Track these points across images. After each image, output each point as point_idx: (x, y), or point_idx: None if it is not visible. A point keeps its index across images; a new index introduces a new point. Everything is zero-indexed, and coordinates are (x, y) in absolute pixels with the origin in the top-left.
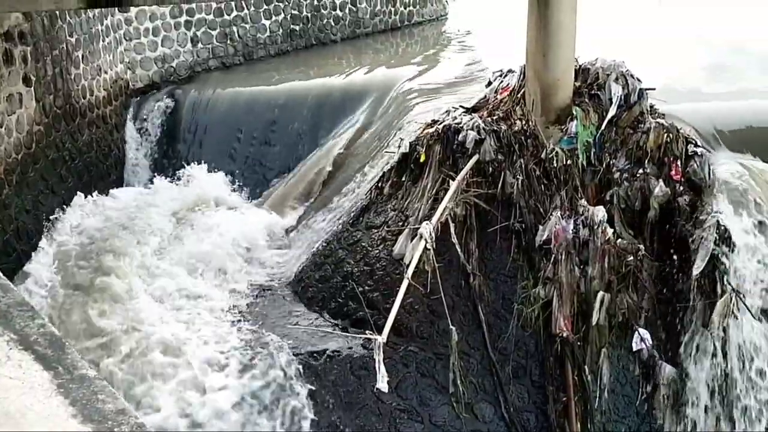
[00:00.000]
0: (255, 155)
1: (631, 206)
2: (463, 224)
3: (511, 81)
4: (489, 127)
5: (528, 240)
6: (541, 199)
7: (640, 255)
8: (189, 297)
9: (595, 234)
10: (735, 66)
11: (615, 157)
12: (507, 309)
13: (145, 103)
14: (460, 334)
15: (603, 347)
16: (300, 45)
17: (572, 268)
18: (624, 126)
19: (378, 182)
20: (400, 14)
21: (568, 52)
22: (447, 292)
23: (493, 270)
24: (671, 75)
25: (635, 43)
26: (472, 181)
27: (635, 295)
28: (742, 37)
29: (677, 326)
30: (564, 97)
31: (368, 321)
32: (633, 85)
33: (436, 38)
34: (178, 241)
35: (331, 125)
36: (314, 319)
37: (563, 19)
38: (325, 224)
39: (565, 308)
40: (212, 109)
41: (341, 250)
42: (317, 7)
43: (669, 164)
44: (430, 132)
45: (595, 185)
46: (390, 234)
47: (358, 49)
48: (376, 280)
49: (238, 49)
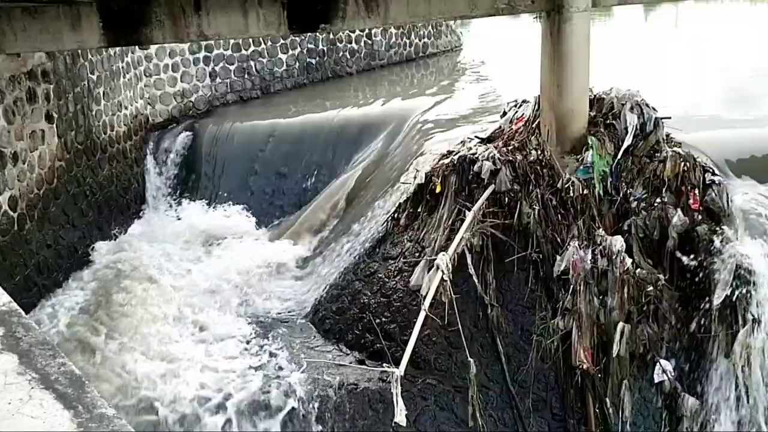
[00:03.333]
0: (272, 187)
1: (649, 236)
2: (480, 255)
3: (526, 111)
4: (504, 158)
5: (546, 270)
6: (558, 229)
7: (660, 285)
8: (205, 328)
9: (613, 264)
10: (754, 92)
11: (632, 186)
12: (526, 340)
13: (165, 137)
14: (479, 367)
15: (624, 379)
16: (316, 78)
17: (591, 298)
18: (640, 155)
19: (394, 213)
20: (414, 46)
21: (582, 81)
22: (465, 324)
23: (511, 301)
24: (689, 102)
25: (653, 69)
26: (488, 211)
27: (656, 326)
28: (760, 61)
29: (699, 357)
30: (579, 126)
31: (385, 353)
32: (648, 114)
33: (451, 69)
34: (195, 272)
35: (347, 156)
36: (331, 350)
37: (576, 48)
38: (341, 255)
39: (584, 339)
40: (230, 141)
41: (358, 282)
42: (333, 41)
43: (687, 193)
44: (445, 163)
45: (613, 215)
46: (406, 265)
47: (373, 80)
48: (393, 312)
49: (256, 83)
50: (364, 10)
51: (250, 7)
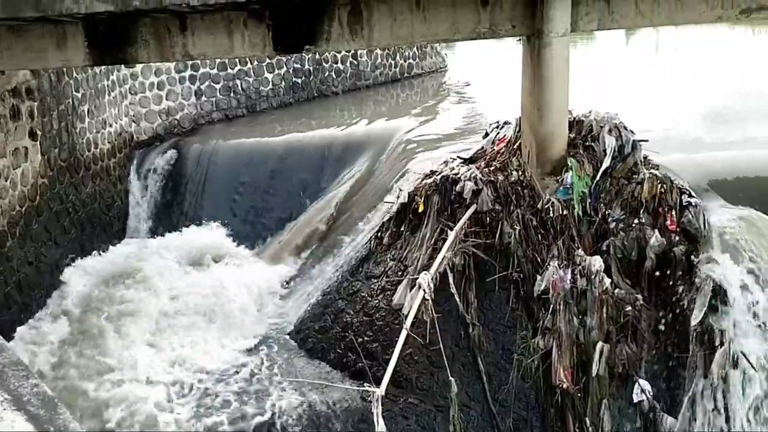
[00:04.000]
0: (256, 205)
1: (627, 256)
2: (462, 274)
3: (508, 132)
4: (486, 178)
5: (526, 290)
6: (539, 249)
7: (638, 305)
8: (189, 348)
9: (592, 284)
10: (732, 115)
11: (610, 207)
12: (507, 359)
13: (149, 155)
14: (460, 386)
15: (603, 398)
16: (302, 97)
17: (571, 318)
18: (618, 177)
19: (377, 232)
20: (400, 67)
21: (561, 104)
22: (446, 343)
23: (492, 320)
24: (668, 125)
25: (633, 92)
26: (470, 231)
27: (634, 346)
28: (738, 84)
29: (677, 376)
30: (559, 148)
31: (367, 372)
32: (626, 136)
33: (436, 90)
34: (178, 291)
35: (332, 176)
36: (314, 369)
37: (556, 72)
38: (325, 274)
39: (564, 359)
40: (215, 160)
41: (341, 300)
42: (319, 61)
43: (664, 214)
44: (428, 182)
45: (592, 235)
46: (389, 284)
47: (359, 100)
48: (376, 331)
49: (242, 101)
50: (349, 32)
51: (235, 28)
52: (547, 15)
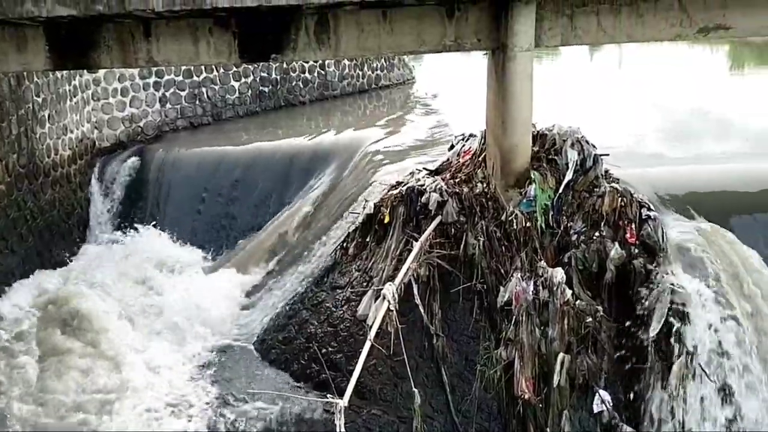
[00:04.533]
0: (221, 214)
1: (588, 268)
2: (427, 285)
3: (473, 145)
4: (451, 190)
5: (490, 301)
6: (502, 260)
7: (599, 316)
8: (147, 360)
9: (554, 295)
10: (691, 130)
11: (572, 220)
12: (470, 370)
13: (111, 162)
14: (424, 397)
15: (564, 409)
16: (269, 106)
17: (533, 329)
18: (580, 190)
19: (343, 242)
20: (367, 78)
21: (525, 118)
22: (410, 354)
23: (456, 331)
24: (630, 140)
25: (596, 107)
26: (435, 242)
27: (595, 357)
28: (698, 101)
29: (637, 387)
30: (522, 161)
31: (330, 383)
32: (588, 150)
33: (403, 101)
34: (139, 301)
35: (298, 185)
36: (277, 381)
37: (520, 86)
38: (289, 284)
39: (526, 370)
40: (179, 168)
41: (305, 311)
42: (286, 70)
43: (624, 227)
44: (394, 193)
45: (554, 247)
46: (354, 294)
47: (326, 110)
48: (340, 342)
49: (207, 109)
50: (315, 42)
51: (201, 35)
52: (512, 29)
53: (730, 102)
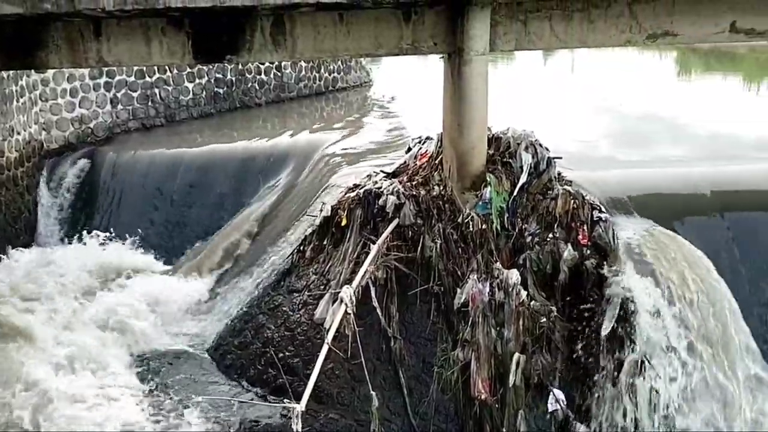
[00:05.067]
0: (175, 218)
1: (542, 269)
2: (384, 288)
3: (430, 147)
4: (408, 192)
5: (447, 303)
6: (459, 262)
7: (553, 316)
8: (98, 366)
9: (509, 296)
10: (641, 134)
11: (527, 222)
12: (427, 372)
13: (60, 164)
14: (381, 400)
15: (520, 409)
16: (224, 108)
17: (489, 330)
18: (534, 192)
19: (300, 246)
20: (324, 80)
21: (480, 121)
22: (368, 357)
23: (414, 333)
24: (582, 143)
25: (549, 111)
26: (392, 244)
27: (549, 356)
28: (647, 105)
29: (589, 386)
30: (478, 164)
31: (287, 388)
32: (542, 153)
33: (361, 104)
34: (88, 308)
35: (254, 188)
36: (232, 387)
37: (476, 89)
38: (245, 288)
39: (483, 371)
40: (131, 170)
41: (261, 315)
42: (242, 72)
43: (576, 229)
44: (351, 196)
45: (509, 249)
46: (311, 298)
47: (283, 112)
48: (297, 346)
49: (160, 110)
50: (271, 43)
51: (153, 35)
52: (467, 34)
53: (678, 107)
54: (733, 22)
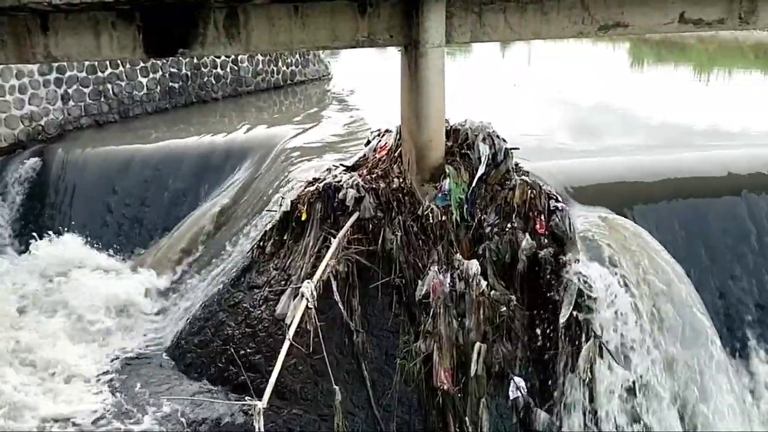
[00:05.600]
0: (131, 215)
1: (501, 259)
2: (345, 281)
3: (389, 140)
4: (368, 185)
5: (408, 295)
6: (420, 254)
7: (513, 305)
8: (55, 367)
9: (470, 287)
10: (596, 124)
11: (486, 212)
12: (390, 365)
13: (9, 163)
14: (345, 393)
15: (482, 397)
16: (179, 103)
17: (450, 320)
18: (492, 183)
19: (260, 241)
20: (282, 73)
21: (438, 113)
22: (330, 351)
23: (376, 326)
24: (539, 134)
25: (507, 103)
26: (353, 238)
27: (509, 345)
28: (601, 96)
29: (549, 372)
30: (437, 156)
31: (248, 386)
32: (499, 144)
33: (320, 97)
34: (41, 308)
35: (212, 183)
36: (193, 386)
37: (433, 81)
38: (205, 286)
39: (445, 361)
40: (84, 168)
41: (222, 313)
42: (197, 66)
43: (534, 219)
44: (311, 190)
45: (469, 240)
46: (272, 294)
47: (240, 107)
48: (259, 342)
49: (113, 106)
50: (225, 36)
51: (102, 28)
52: (423, 26)
53: (631, 97)
54: (681, 12)
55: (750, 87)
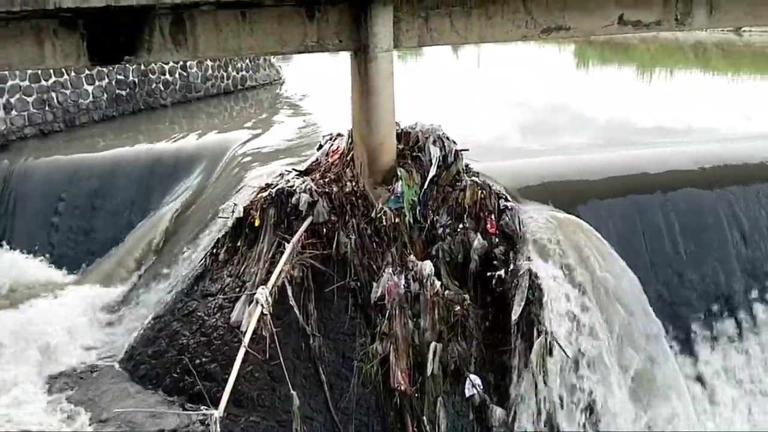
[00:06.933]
0: (78, 227)
1: (454, 259)
2: (301, 286)
3: (341, 144)
4: (321, 190)
5: (364, 297)
6: (374, 256)
7: (466, 304)
8: (3, 387)
9: (424, 287)
10: (545, 124)
11: (438, 213)
12: (347, 367)
13: None
14: (302, 398)
15: (439, 396)
16: (127, 110)
17: (406, 321)
18: (444, 185)
19: (213, 248)
20: (232, 79)
21: (388, 116)
22: (287, 356)
23: (332, 330)
24: (489, 135)
25: (458, 105)
26: (307, 242)
27: (464, 343)
28: (550, 97)
29: (503, 369)
30: (389, 159)
31: (204, 395)
32: (449, 146)
33: (271, 102)
34: None
35: (162, 192)
36: (148, 398)
37: (382, 85)
38: (157, 296)
39: (401, 362)
40: (28, 179)
41: (175, 322)
42: (145, 72)
43: (484, 218)
44: (263, 196)
45: (422, 241)
46: (227, 301)
47: (190, 113)
48: (214, 351)
49: (58, 115)
50: (172, 42)
51: (45, 36)
52: (371, 30)
53: (578, 97)
54: (620, 15)
55: (690, 85)
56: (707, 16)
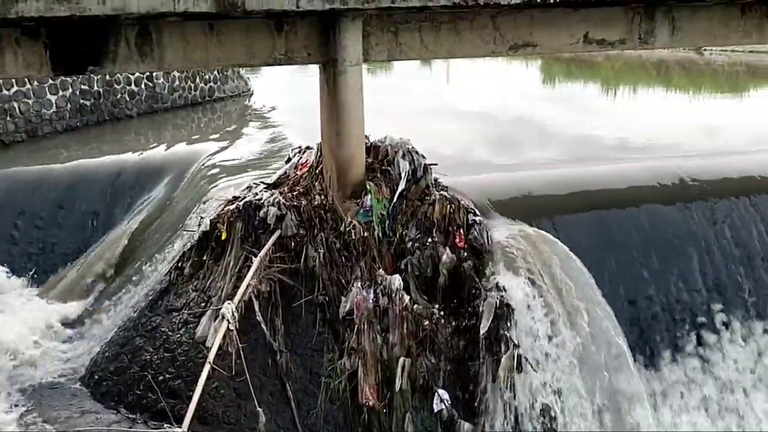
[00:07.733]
0: (40, 239)
1: (423, 273)
2: (268, 301)
3: (310, 157)
4: (290, 203)
5: (332, 312)
6: (343, 271)
7: (435, 319)
8: None
9: (393, 302)
10: (513, 138)
11: (407, 227)
12: (315, 383)
13: None
14: (269, 415)
15: (407, 412)
16: (92, 121)
17: (375, 336)
18: (413, 199)
19: (178, 262)
20: (200, 90)
21: (358, 130)
22: (254, 372)
23: (300, 345)
24: (459, 149)
25: (427, 120)
26: (275, 256)
27: (433, 358)
28: (517, 111)
29: (472, 384)
30: (358, 172)
31: (168, 412)
32: (418, 160)
33: (240, 114)
34: None
35: (127, 204)
36: (110, 416)
37: (351, 99)
38: (120, 311)
39: (370, 377)
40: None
41: (139, 338)
42: (110, 82)
43: (453, 233)
44: (231, 209)
45: (391, 255)
46: (192, 316)
47: (156, 124)
48: (178, 367)
49: (20, 125)
50: (138, 53)
51: (6, 45)
52: (340, 44)
53: (545, 112)
54: (586, 33)
55: (652, 102)
56: (669, 35)
